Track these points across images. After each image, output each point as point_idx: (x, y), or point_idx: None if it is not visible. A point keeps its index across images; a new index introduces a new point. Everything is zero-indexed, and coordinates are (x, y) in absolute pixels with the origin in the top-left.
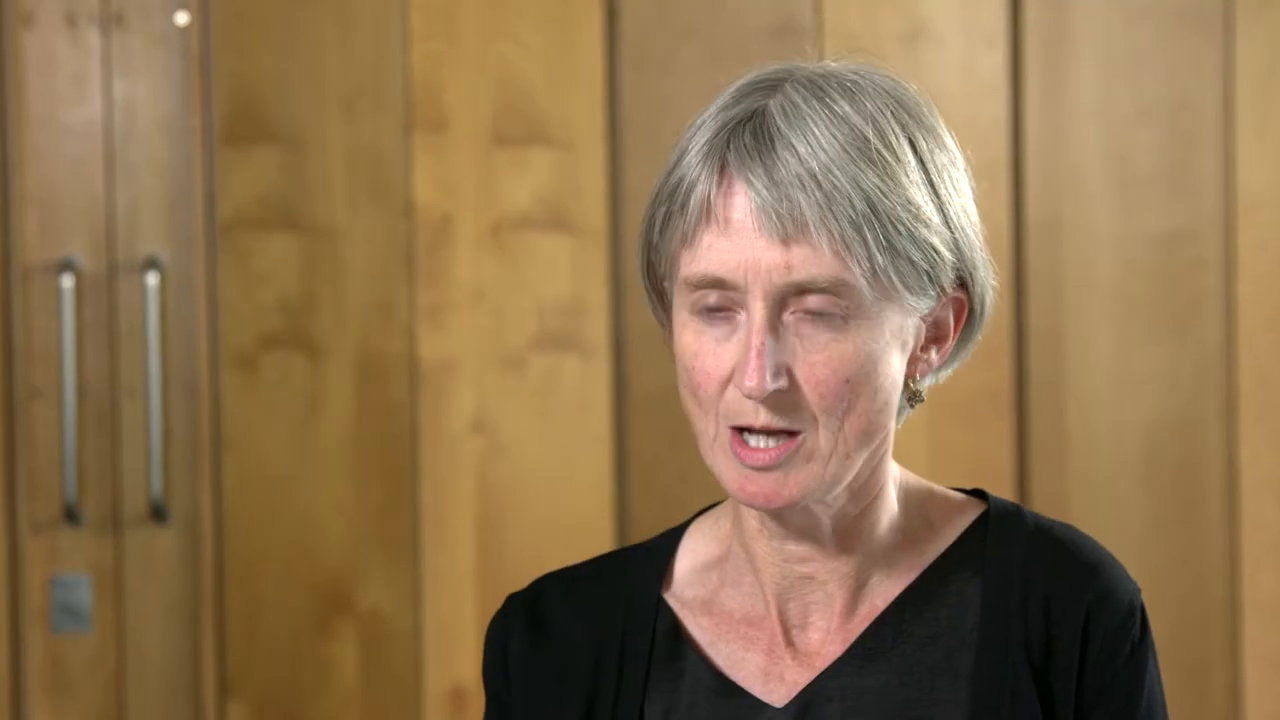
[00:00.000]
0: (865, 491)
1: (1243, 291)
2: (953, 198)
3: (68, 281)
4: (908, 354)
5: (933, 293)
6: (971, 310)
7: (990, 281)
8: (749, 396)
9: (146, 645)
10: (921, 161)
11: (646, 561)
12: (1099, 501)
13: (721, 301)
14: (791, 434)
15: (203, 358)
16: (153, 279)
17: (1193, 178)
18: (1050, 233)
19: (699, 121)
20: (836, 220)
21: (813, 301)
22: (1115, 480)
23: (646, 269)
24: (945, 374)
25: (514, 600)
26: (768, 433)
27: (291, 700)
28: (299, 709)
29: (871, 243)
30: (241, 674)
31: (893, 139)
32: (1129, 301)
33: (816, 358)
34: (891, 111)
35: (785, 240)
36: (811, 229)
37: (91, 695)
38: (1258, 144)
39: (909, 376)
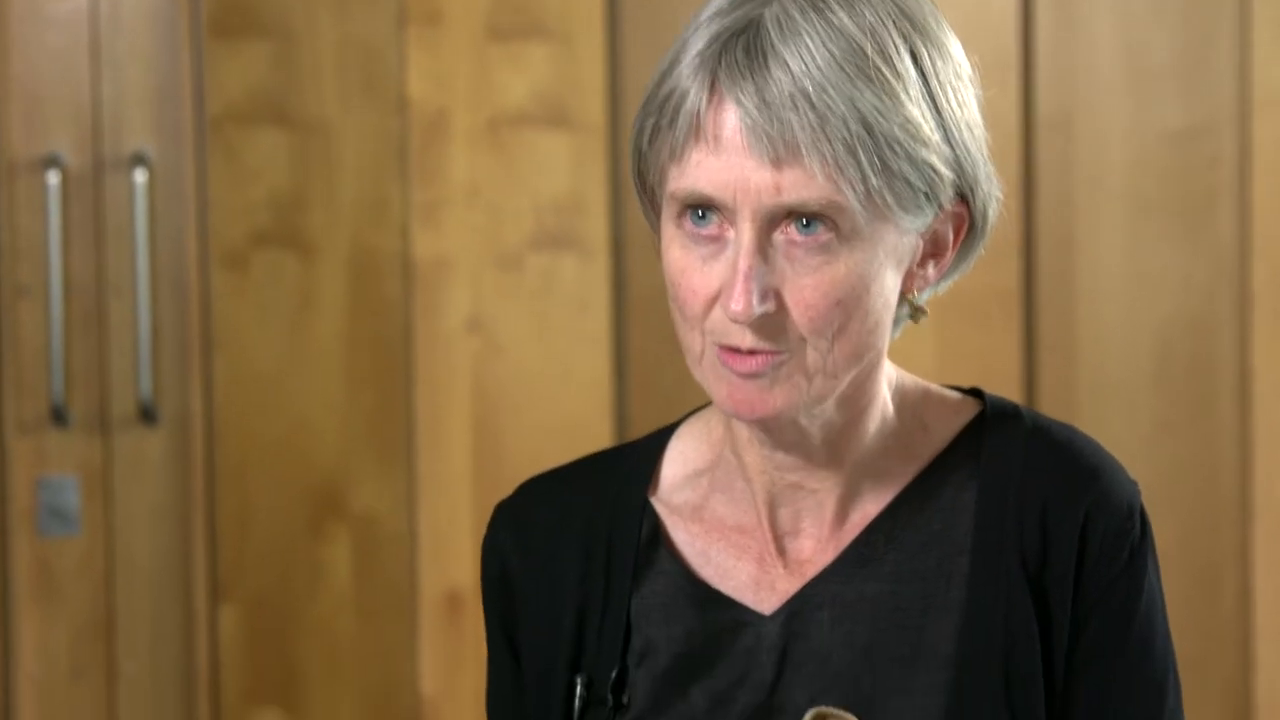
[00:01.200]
0: (854, 402)
1: (1258, 190)
2: (955, 112)
3: (54, 178)
4: (903, 270)
5: (930, 210)
6: (973, 224)
7: (995, 194)
8: (734, 320)
9: (136, 548)
10: (923, 75)
11: (633, 463)
12: (1109, 403)
13: (709, 219)
14: (777, 351)
15: (192, 255)
16: (140, 175)
17: (1208, 73)
18: (1061, 129)
19: (694, 23)
20: (830, 143)
21: (803, 224)
22: (1126, 382)
23: (638, 173)
24: (944, 285)
25: (502, 510)
26: (754, 352)
27: (284, 604)
28: (291, 613)
29: (866, 165)
30: (233, 577)
31: (893, 52)
32: (1141, 199)
33: (806, 281)
34: (893, 21)
35: (776, 162)
36: (803, 152)
37: (80, 599)
38: (1274, 39)
39: (905, 292)
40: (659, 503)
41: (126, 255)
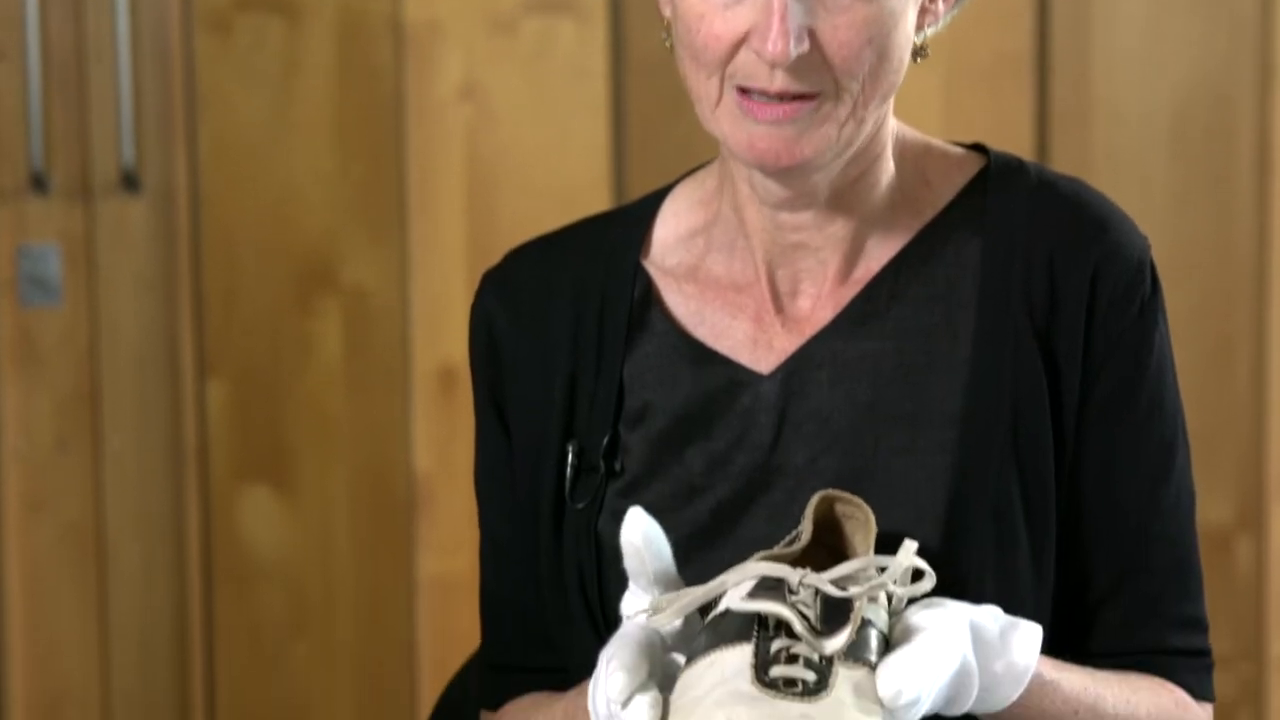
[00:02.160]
0: (867, 153)
1: None
2: None
3: None
4: (919, 6)
5: None
6: None
7: None
8: (772, 64)
9: (120, 320)
10: None
11: (624, 227)
12: (1123, 174)
13: None
14: (806, 97)
15: (174, 19)
16: None
17: None
18: None
19: None
20: None
21: None
22: (1141, 152)
23: None
24: (943, 22)
25: (489, 277)
26: (781, 96)
27: (272, 378)
28: (280, 387)
29: None
30: (220, 351)
31: None
32: None
33: (840, 20)
34: None
35: None
36: None
37: (63, 371)
38: None
39: (916, 29)
40: (651, 266)
41: (106, 18)
